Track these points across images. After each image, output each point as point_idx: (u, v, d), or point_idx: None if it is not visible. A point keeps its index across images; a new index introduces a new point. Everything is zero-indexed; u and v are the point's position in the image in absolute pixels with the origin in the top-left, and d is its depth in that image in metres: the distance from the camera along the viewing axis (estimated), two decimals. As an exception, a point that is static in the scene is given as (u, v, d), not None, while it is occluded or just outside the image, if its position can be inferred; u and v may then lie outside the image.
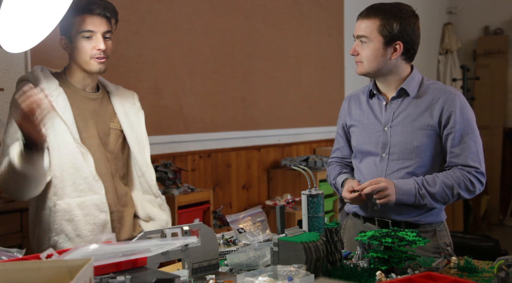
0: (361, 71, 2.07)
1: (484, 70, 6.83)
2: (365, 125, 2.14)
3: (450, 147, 2.00)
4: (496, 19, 6.89)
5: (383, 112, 2.09)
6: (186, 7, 3.97)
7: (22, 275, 1.13)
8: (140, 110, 2.25)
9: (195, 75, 4.06)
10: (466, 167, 1.98)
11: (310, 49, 5.12)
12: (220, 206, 4.14)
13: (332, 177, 2.25)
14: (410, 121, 2.03)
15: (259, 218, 1.95)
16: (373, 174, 2.08)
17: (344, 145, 2.28)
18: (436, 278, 1.24)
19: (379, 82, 2.12)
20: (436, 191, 1.96)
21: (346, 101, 2.28)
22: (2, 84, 3.04)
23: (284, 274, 1.44)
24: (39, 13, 1.85)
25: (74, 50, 2.04)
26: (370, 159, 2.11)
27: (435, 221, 2.05)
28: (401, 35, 1.99)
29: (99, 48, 2.02)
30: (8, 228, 2.66)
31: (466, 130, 2.00)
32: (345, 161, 2.28)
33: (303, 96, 5.04)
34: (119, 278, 1.33)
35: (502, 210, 6.72)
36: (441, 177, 1.98)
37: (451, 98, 2.00)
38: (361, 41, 2.04)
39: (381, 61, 2.02)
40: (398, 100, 2.07)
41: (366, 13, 2.03)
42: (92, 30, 2.01)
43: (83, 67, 2.05)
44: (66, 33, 2.03)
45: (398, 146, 2.04)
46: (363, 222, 2.14)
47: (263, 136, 4.61)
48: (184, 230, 1.60)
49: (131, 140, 2.17)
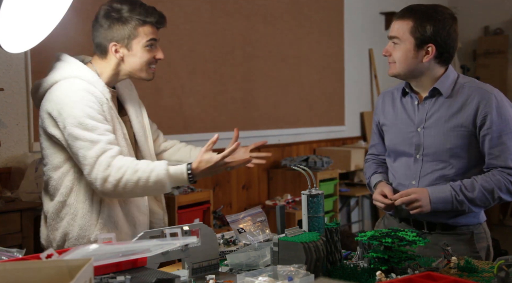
0: (392, 73, 2.03)
1: (484, 70, 6.83)
2: (398, 124, 2.09)
3: (488, 148, 1.93)
4: (496, 19, 6.89)
5: (416, 112, 2.04)
6: (186, 7, 3.97)
7: (22, 275, 1.13)
8: (139, 99, 2.27)
9: (195, 75, 4.06)
10: (506, 169, 1.92)
11: (310, 49, 5.11)
12: (220, 206, 4.14)
13: (368, 175, 2.22)
14: (443, 122, 1.97)
15: (259, 218, 1.95)
16: (407, 175, 2.05)
17: (378, 142, 2.25)
18: (436, 278, 1.24)
19: (412, 83, 2.07)
20: (475, 196, 1.90)
21: (380, 98, 2.22)
22: (2, 84, 3.04)
23: (284, 274, 1.44)
24: (39, 13, 1.85)
25: (131, 58, 2.04)
26: (404, 159, 2.07)
27: (472, 223, 2.00)
28: (434, 38, 1.93)
29: (159, 57, 2.07)
30: (8, 228, 2.65)
31: (504, 130, 1.93)
32: (380, 159, 2.25)
33: (303, 96, 5.04)
34: (119, 278, 1.33)
35: (502, 210, 6.71)
36: (480, 181, 1.92)
37: (486, 97, 1.94)
38: (394, 43, 1.99)
39: (412, 63, 1.97)
40: (431, 100, 2.02)
41: (401, 14, 1.99)
42: (156, 39, 2.06)
43: (137, 74, 2.07)
44: (122, 41, 2.02)
45: (432, 148, 1.98)
46: (399, 221, 2.11)
47: (263, 136, 4.60)
48: (184, 230, 1.60)
49: (137, 129, 2.17)
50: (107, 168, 1.88)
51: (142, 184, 1.90)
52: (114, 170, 1.89)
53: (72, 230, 1.99)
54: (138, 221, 2.09)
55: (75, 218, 1.99)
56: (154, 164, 1.93)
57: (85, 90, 1.94)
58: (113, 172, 1.88)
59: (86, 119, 1.90)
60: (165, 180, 1.91)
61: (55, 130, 1.95)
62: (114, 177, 1.88)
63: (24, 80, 3.14)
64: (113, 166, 1.89)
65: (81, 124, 1.90)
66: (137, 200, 2.09)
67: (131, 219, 2.07)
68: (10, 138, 3.11)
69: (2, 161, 3.08)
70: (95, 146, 1.89)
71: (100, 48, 2.05)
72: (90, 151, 1.89)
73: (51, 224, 2.03)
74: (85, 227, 1.99)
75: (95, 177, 1.89)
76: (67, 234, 1.99)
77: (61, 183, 2.00)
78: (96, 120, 1.92)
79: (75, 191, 2.00)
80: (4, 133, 3.08)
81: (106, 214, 2.00)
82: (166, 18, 2.09)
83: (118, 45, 2.02)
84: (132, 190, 1.91)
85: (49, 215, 2.03)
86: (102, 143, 1.90)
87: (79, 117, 1.90)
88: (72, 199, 2.00)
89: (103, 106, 1.97)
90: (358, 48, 5.78)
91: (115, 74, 2.08)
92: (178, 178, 1.94)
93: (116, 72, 2.07)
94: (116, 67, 2.06)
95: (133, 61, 2.04)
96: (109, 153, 1.90)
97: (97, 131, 1.91)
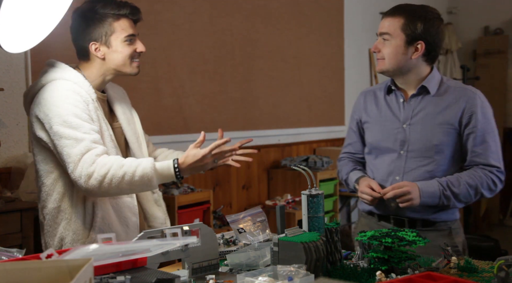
0: (381, 68, 2.07)
1: (484, 70, 6.83)
2: (382, 121, 2.13)
3: (472, 146, 2.00)
4: (496, 19, 6.89)
5: (401, 109, 2.09)
6: (186, 7, 3.97)
7: (22, 275, 1.13)
8: (132, 107, 2.28)
9: (195, 75, 4.06)
10: (488, 167, 2.00)
11: (310, 49, 5.11)
12: (220, 206, 4.14)
13: (345, 172, 2.25)
14: (430, 119, 2.03)
15: (259, 218, 1.95)
16: (390, 171, 2.08)
17: (356, 140, 2.27)
18: (436, 278, 1.23)
19: (398, 81, 2.11)
20: (460, 191, 1.97)
21: (362, 96, 2.26)
22: (2, 84, 3.04)
23: (284, 274, 1.44)
24: (39, 13, 1.85)
25: (113, 54, 2.05)
26: (386, 156, 2.11)
27: (450, 219, 2.06)
28: (424, 35, 2.00)
29: (140, 50, 2.09)
30: (8, 228, 2.65)
31: (487, 129, 2.01)
32: (357, 157, 2.28)
33: (303, 96, 5.04)
34: (119, 278, 1.33)
35: (502, 210, 6.71)
36: (464, 177, 1.98)
37: (472, 97, 2.01)
38: (384, 39, 2.04)
39: (402, 60, 2.02)
40: (418, 97, 2.07)
41: (392, 11, 2.04)
42: (134, 34, 2.07)
43: (122, 69, 2.08)
44: (101, 39, 2.04)
45: (417, 144, 2.04)
46: (378, 220, 2.14)
47: (263, 136, 4.61)
48: (184, 230, 1.60)
49: (130, 136, 2.18)
50: (92, 165, 1.87)
51: (128, 179, 1.89)
52: (99, 167, 1.88)
53: (68, 234, 2.00)
54: (131, 222, 2.10)
55: (70, 223, 2.00)
56: (140, 160, 1.95)
57: (70, 90, 1.96)
58: (97, 168, 1.87)
59: (71, 117, 1.91)
60: (151, 175, 1.91)
61: (42, 132, 1.96)
62: (99, 173, 1.87)
63: (24, 80, 3.15)
64: (98, 163, 1.88)
65: (66, 122, 1.90)
66: (127, 201, 2.09)
67: (124, 220, 2.08)
68: (10, 138, 3.12)
69: (2, 161, 3.08)
70: (80, 144, 1.89)
71: (82, 52, 2.08)
72: (74, 149, 1.88)
73: (48, 230, 2.04)
74: (80, 231, 1.99)
75: (79, 174, 1.87)
76: (64, 239, 2.00)
77: (53, 189, 2.01)
78: (81, 118, 1.93)
79: (68, 196, 2.00)
80: (4, 133, 3.08)
81: (99, 216, 2.01)
82: (139, 10, 2.11)
83: (97, 44, 2.04)
84: (118, 186, 1.89)
85: (45, 222, 2.04)
86: (87, 142, 1.90)
87: (64, 115, 1.91)
88: (65, 204, 2.00)
89: (89, 106, 1.98)
90: (358, 48, 5.78)
91: (102, 74, 2.09)
92: (165, 173, 1.95)
93: (102, 72, 2.09)
94: (100, 67, 2.08)
95: (115, 57, 2.06)
96: (94, 152, 1.89)
97: (82, 129, 1.91)
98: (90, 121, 1.96)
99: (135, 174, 1.90)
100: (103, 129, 2.03)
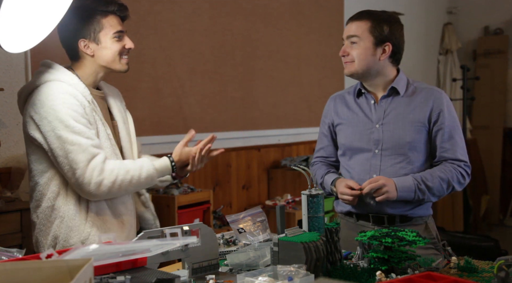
0: (350, 71, 2.14)
1: (484, 70, 6.82)
2: (355, 122, 2.20)
3: (440, 142, 2.10)
4: (496, 19, 6.89)
5: (372, 111, 2.17)
6: (186, 7, 3.97)
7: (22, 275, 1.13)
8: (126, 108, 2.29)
9: (195, 75, 4.06)
10: (456, 161, 2.09)
11: (310, 49, 5.12)
12: (220, 206, 4.14)
13: (319, 176, 2.30)
14: (401, 118, 2.12)
15: (259, 218, 1.95)
16: (366, 170, 2.14)
17: (328, 144, 2.34)
18: (436, 278, 1.24)
19: (366, 84, 2.20)
20: (433, 185, 2.05)
21: (332, 101, 2.35)
22: (2, 84, 3.04)
23: (284, 274, 1.44)
24: (39, 13, 1.85)
25: (102, 51, 2.06)
26: (361, 155, 2.17)
27: (425, 214, 2.14)
28: (390, 37, 2.10)
29: (129, 47, 2.10)
30: (8, 228, 2.66)
31: (453, 126, 2.11)
32: (329, 161, 2.35)
33: (303, 96, 5.04)
34: (119, 278, 1.33)
35: (502, 210, 6.72)
36: (436, 172, 2.07)
37: (439, 97, 2.12)
38: (352, 42, 2.12)
39: (371, 61, 2.10)
40: (388, 99, 2.16)
41: (358, 16, 2.16)
42: (123, 31, 2.09)
43: (112, 66, 2.09)
44: (89, 36, 2.04)
45: (391, 142, 2.11)
46: (356, 220, 2.18)
47: (263, 136, 4.61)
48: (184, 230, 1.60)
49: (123, 136, 2.19)
50: (101, 173, 1.95)
51: (135, 182, 2.03)
52: (107, 173, 1.96)
53: (61, 232, 2.00)
54: (126, 218, 2.11)
55: (63, 221, 2.00)
56: (139, 161, 2.07)
57: (67, 93, 1.96)
58: (107, 176, 1.96)
59: (73, 122, 1.94)
60: (154, 174, 2.07)
61: (37, 133, 1.96)
62: (109, 180, 1.96)
63: (24, 80, 3.15)
64: (105, 170, 1.96)
65: (68, 127, 1.92)
66: (122, 197, 2.11)
67: (118, 215, 2.08)
68: (10, 138, 3.11)
69: (2, 161, 3.08)
70: (85, 150, 1.93)
71: (71, 52, 2.09)
72: (80, 155, 1.93)
73: (41, 229, 2.03)
74: (74, 228, 2.00)
75: (88, 181, 1.93)
76: (57, 237, 2.01)
77: (47, 188, 2.01)
78: (81, 123, 1.95)
79: (62, 195, 2.01)
80: (4, 133, 3.08)
81: (94, 212, 2.02)
82: (127, 7, 2.13)
83: (86, 41, 2.05)
84: (126, 189, 2.03)
85: (39, 221, 2.04)
86: (91, 148, 1.94)
87: (65, 120, 1.93)
88: (59, 202, 2.01)
89: (86, 109, 1.99)
90: (358, 48, 5.78)
91: (93, 72, 2.10)
92: (163, 170, 2.11)
93: (93, 70, 2.09)
94: (91, 65, 2.08)
95: (104, 54, 2.07)
96: (99, 159, 1.96)
97: (84, 134, 1.94)
98: (89, 125, 1.98)
99: (141, 177, 2.03)
100: (100, 130, 2.04)
